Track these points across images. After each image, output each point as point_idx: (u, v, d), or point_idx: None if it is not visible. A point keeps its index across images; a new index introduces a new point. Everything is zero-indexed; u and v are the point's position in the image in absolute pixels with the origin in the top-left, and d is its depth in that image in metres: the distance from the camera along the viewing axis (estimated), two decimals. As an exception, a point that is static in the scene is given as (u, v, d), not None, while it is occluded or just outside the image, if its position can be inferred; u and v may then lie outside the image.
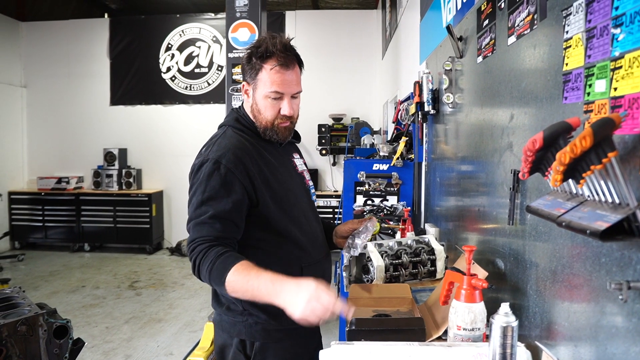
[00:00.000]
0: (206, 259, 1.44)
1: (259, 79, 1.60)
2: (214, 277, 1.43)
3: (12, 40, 8.29)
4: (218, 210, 1.49)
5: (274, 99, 1.60)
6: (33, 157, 8.54)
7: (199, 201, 1.51)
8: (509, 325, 1.14)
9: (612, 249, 0.96)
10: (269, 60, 1.58)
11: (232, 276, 1.38)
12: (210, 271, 1.42)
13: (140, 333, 4.52)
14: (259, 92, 1.62)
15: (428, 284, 2.25)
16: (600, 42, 1.00)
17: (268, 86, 1.59)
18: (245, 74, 1.65)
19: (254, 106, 1.65)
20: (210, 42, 8.13)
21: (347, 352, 1.32)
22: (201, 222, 1.49)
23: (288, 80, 1.60)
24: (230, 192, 1.50)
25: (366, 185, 3.61)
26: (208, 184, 1.50)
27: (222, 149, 1.55)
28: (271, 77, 1.58)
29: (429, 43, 3.15)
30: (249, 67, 1.62)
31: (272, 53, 1.57)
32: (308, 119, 7.47)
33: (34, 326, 1.69)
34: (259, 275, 1.37)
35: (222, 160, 1.51)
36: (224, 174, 1.50)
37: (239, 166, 1.52)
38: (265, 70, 1.58)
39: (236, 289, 1.39)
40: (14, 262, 7.14)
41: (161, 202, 8.17)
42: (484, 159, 1.87)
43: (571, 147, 0.83)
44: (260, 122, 1.65)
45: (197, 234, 1.49)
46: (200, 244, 1.47)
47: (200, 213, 1.50)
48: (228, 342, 1.66)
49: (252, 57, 1.60)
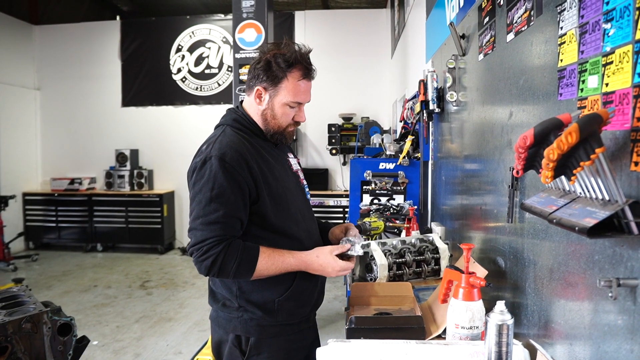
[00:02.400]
0: (230, 256, 1.50)
1: (282, 87, 1.60)
2: (243, 269, 1.52)
3: (25, 43, 8.41)
4: (228, 208, 1.50)
5: (292, 107, 1.64)
6: (46, 158, 8.65)
7: (208, 198, 1.50)
8: (504, 323, 1.13)
9: (604, 246, 0.95)
10: (294, 70, 1.59)
11: (261, 264, 1.54)
12: (239, 265, 1.51)
13: (150, 332, 4.56)
14: (278, 99, 1.62)
15: (432, 282, 2.25)
16: (592, 38, 0.99)
17: (291, 96, 1.61)
18: (261, 80, 1.61)
19: (267, 112, 1.65)
20: (220, 43, 8.17)
21: (344, 349, 1.32)
22: (212, 221, 1.49)
23: (308, 91, 1.65)
24: (236, 189, 1.51)
25: (372, 184, 3.60)
26: (216, 182, 1.50)
27: (224, 146, 1.55)
28: (295, 88, 1.60)
29: (434, 41, 3.14)
30: (268, 73, 1.60)
31: (297, 62, 1.59)
32: (318, 118, 7.49)
33: (39, 323, 1.71)
34: (282, 257, 1.58)
35: (226, 158, 1.52)
36: (230, 171, 1.51)
37: (241, 163, 1.53)
38: (290, 80, 1.60)
39: (264, 273, 1.56)
40: (28, 262, 7.24)
41: (172, 202, 8.22)
42: (485, 157, 1.86)
43: (558, 143, 0.83)
44: (272, 127, 1.66)
45: (210, 234, 1.49)
46: (215, 244, 1.49)
47: (209, 211, 1.50)
48: (224, 337, 1.68)
49: (274, 64, 1.59)
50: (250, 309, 1.61)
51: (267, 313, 1.61)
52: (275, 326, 1.64)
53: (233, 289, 1.63)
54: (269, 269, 1.55)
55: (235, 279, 1.58)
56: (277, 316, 1.62)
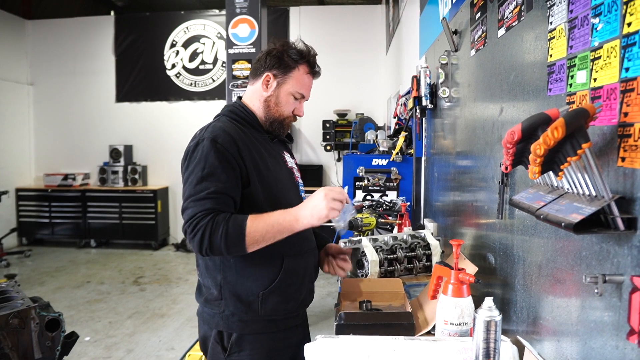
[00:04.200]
0: (217, 227, 1.45)
1: (291, 76, 1.69)
2: (231, 238, 1.45)
3: (18, 38, 8.35)
4: (218, 186, 1.50)
5: (296, 98, 1.71)
6: (40, 154, 8.60)
7: (199, 177, 1.51)
8: (492, 319, 1.13)
9: (592, 242, 0.95)
10: (305, 64, 1.70)
11: (250, 228, 1.46)
12: (227, 234, 1.44)
13: (142, 328, 4.54)
14: (285, 87, 1.69)
15: (423, 278, 2.24)
16: (581, 33, 0.99)
17: (298, 86, 1.70)
18: (272, 67, 1.68)
19: (272, 98, 1.70)
20: (214, 38, 8.14)
21: (332, 345, 1.31)
22: (202, 197, 1.49)
23: (310, 88, 1.76)
24: (228, 169, 1.52)
25: (365, 181, 3.60)
26: (207, 161, 1.51)
27: (217, 130, 1.58)
28: (303, 80, 1.70)
29: (428, 37, 3.13)
30: (279, 61, 1.68)
31: (307, 57, 1.70)
32: (313, 114, 7.45)
33: (26, 319, 1.70)
34: (270, 215, 1.49)
35: (219, 139, 1.54)
36: (222, 152, 1.52)
37: (233, 146, 1.55)
38: (300, 71, 1.69)
39: (257, 237, 1.47)
40: (21, 258, 7.21)
41: (166, 198, 8.20)
42: (476, 153, 1.86)
43: (544, 138, 0.82)
44: (273, 114, 1.71)
45: (199, 208, 1.48)
46: (204, 216, 1.46)
47: (200, 189, 1.50)
48: (208, 333, 1.67)
49: (286, 54, 1.68)
50: (231, 302, 1.60)
51: (249, 306, 1.59)
52: (258, 321, 1.62)
53: (218, 278, 1.61)
54: (258, 229, 1.47)
55: (230, 254, 1.51)
56: (259, 310, 1.60)
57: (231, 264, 1.60)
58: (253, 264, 1.60)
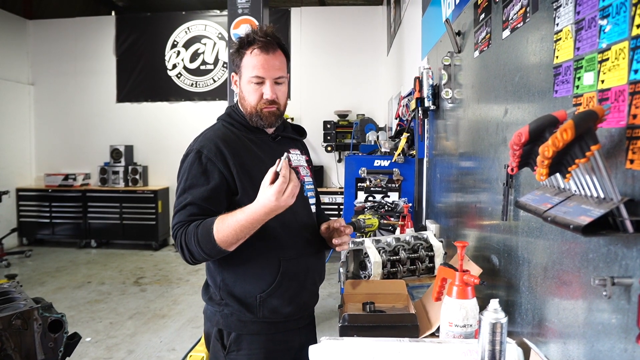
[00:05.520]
0: (189, 234, 1.48)
1: (243, 65, 1.64)
2: (203, 242, 1.45)
3: (19, 38, 8.34)
4: (195, 197, 1.53)
5: (256, 83, 1.62)
6: (40, 154, 8.60)
7: (181, 189, 1.57)
8: (497, 321, 1.13)
9: (599, 244, 0.95)
10: (249, 48, 1.63)
11: (218, 232, 1.43)
12: (199, 240, 1.46)
13: (143, 329, 4.54)
14: (243, 78, 1.66)
15: (426, 280, 2.24)
16: (588, 34, 0.98)
17: (250, 70, 1.62)
18: (232, 67, 1.71)
19: (240, 94, 1.69)
20: (215, 39, 8.14)
21: (336, 347, 1.31)
22: (181, 208, 1.54)
23: (269, 65, 1.61)
24: (209, 180, 1.55)
25: (367, 182, 3.59)
26: (190, 173, 1.56)
27: (205, 140, 1.61)
28: (252, 61, 1.61)
29: (430, 38, 3.13)
30: (232, 59, 1.69)
31: (253, 40, 1.62)
32: (314, 115, 7.48)
33: (29, 320, 1.69)
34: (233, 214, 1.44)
35: (204, 150, 1.57)
36: (205, 163, 1.55)
37: (218, 156, 1.56)
38: (247, 56, 1.63)
39: (226, 236, 1.44)
40: (21, 258, 7.20)
41: (167, 198, 8.19)
42: (480, 155, 1.86)
43: (553, 140, 0.82)
44: (246, 108, 1.67)
45: (177, 220, 1.54)
46: (179, 227, 1.52)
47: (180, 201, 1.55)
48: (210, 330, 1.69)
49: (233, 51, 1.68)
50: (230, 302, 1.61)
51: (248, 308, 1.60)
52: (256, 323, 1.62)
53: (217, 280, 1.63)
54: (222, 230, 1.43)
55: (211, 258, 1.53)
56: (257, 312, 1.60)
57: (230, 266, 1.61)
58: (251, 267, 1.61)
